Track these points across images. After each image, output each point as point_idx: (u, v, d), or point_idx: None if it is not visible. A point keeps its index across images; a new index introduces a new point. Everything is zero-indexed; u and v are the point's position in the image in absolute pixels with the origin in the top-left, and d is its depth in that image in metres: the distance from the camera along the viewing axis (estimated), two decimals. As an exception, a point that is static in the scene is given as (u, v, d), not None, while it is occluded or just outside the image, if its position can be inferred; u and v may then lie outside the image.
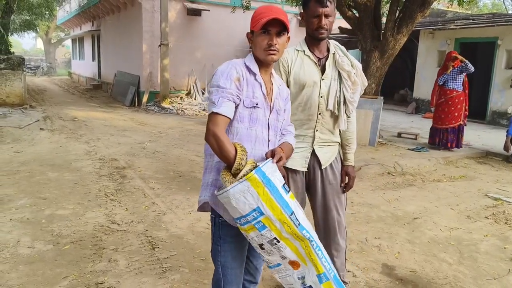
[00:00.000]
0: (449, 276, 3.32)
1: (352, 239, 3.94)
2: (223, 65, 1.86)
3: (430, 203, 5.13)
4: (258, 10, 1.84)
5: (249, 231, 1.68)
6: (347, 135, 2.72)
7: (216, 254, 1.92)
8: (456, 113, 7.71)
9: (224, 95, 1.74)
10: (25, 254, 3.31)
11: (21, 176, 5.41)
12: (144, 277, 3.04)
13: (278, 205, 1.65)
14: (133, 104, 14.33)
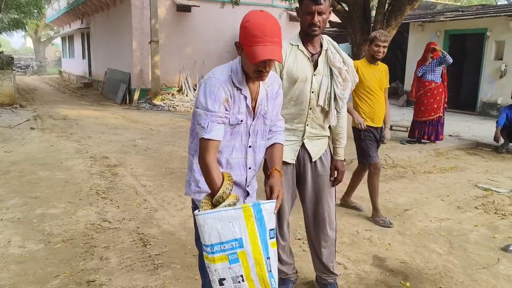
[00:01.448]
0: (439, 266, 3.36)
1: (344, 231, 3.96)
2: (211, 80, 1.76)
3: (420, 195, 5.17)
4: (251, 26, 1.65)
5: (218, 261, 1.62)
6: (337, 130, 2.75)
7: (198, 243, 1.97)
8: (436, 105, 7.71)
9: (213, 119, 1.72)
10: (16, 254, 3.29)
11: (12, 176, 5.37)
12: (135, 274, 3.04)
13: (260, 244, 1.64)
14: (124, 101, 14.26)
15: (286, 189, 2.71)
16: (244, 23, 1.68)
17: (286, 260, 2.86)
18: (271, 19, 1.69)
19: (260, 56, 1.64)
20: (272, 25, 1.67)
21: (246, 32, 1.66)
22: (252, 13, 1.71)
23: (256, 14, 1.69)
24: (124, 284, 2.91)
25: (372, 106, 4.16)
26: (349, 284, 3.04)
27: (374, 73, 4.13)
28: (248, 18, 1.68)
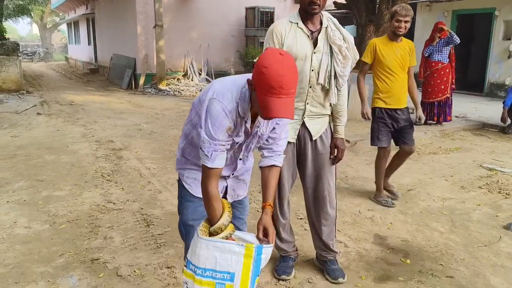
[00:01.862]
0: (440, 244, 3.37)
1: (346, 211, 3.98)
2: (218, 107, 1.67)
3: (424, 175, 5.16)
4: (268, 75, 1.52)
5: (204, 285, 1.66)
6: (338, 108, 2.74)
7: (179, 211, 2.04)
8: (443, 86, 7.63)
9: (217, 147, 1.70)
10: (21, 234, 3.36)
11: (18, 159, 5.44)
12: (139, 253, 3.09)
13: (249, 285, 1.68)
14: (130, 87, 14.27)
15: (286, 167, 2.72)
16: (261, 68, 1.54)
17: (286, 238, 2.89)
18: (290, 68, 1.55)
19: (273, 113, 1.55)
20: (290, 76, 1.54)
21: (261, 79, 1.54)
22: (271, 59, 1.55)
23: (275, 61, 1.54)
24: (127, 262, 2.96)
25: (390, 87, 3.98)
26: (349, 261, 3.06)
27: (395, 51, 3.92)
28: (266, 63, 1.54)
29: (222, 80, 1.80)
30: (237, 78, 1.78)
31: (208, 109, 1.68)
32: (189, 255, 1.70)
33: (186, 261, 1.71)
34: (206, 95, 1.73)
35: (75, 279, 2.74)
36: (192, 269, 1.66)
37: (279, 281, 2.77)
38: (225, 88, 1.71)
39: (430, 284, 2.77)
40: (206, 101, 1.70)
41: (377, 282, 2.79)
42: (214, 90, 1.71)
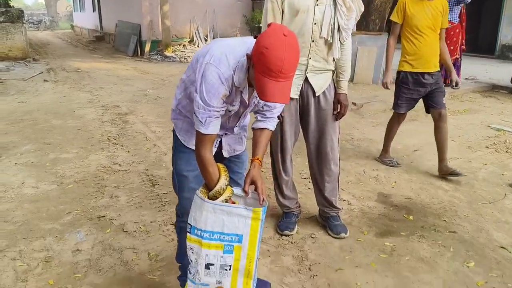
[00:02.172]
0: (444, 201, 3.37)
1: (350, 171, 3.98)
2: (215, 73, 1.61)
3: (431, 136, 5.08)
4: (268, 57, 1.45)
5: (212, 247, 1.66)
6: (341, 62, 2.67)
7: (172, 162, 2.02)
8: (452, 47, 7.41)
9: (211, 114, 1.65)
10: (29, 194, 3.42)
11: (25, 124, 5.48)
12: (144, 210, 3.14)
13: (257, 244, 1.69)
14: (136, 54, 14.15)
15: (289, 124, 2.71)
16: (261, 48, 1.46)
17: (289, 195, 2.91)
18: (292, 51, 1.47)
19: (268, 97, 1.51)
20: (291, 60, 1.47)
21: (261, 60, 1.47)
22: (274, 39, 1.46)
23: (277, 42, 1.45)
24: (133, 219, 3.02)
25: (418, 48, 3.72)
26: (352, 218, 3.08)
27: (426, 10, 3.66)
28: (268, 44, 1.45)
29: (221, 43, 1.71)
30: (236, 43, 1.70)
31: (203, 74, 1.63)
32: (192, 221, 1.69)
33: (189, 227, 1.70)
34: (203, 57, 1.66)
35: (82, 235, 2.80)
36: (197, 234, 1.67)
37: (281, 237, 2.81)
38: (223, 54, 1.64)
39: (432, 239, 2.79)
40: (202, 65, 1.64)
41: (378, 237, 2.82)
42: (212, 54, 1.64)
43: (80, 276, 2.37)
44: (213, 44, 1.72)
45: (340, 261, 2.53)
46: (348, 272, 2.42)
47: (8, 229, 2.86)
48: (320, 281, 2.34)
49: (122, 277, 2.37)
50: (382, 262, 2.53)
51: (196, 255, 1.70)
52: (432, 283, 2.33)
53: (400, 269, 2.46)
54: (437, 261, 2.54)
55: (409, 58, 3.80)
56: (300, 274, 2.40)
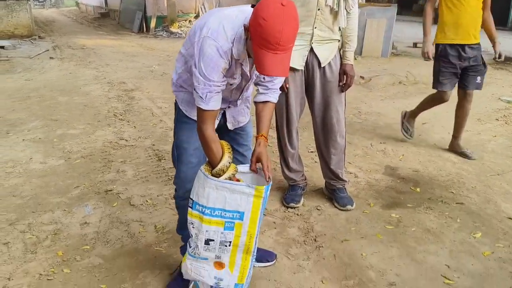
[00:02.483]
0: (452, 173, 3.34)
1: (358, 145, 3.95)
2: (212, 46, 1.56)
3: (440, 109, 5.02)
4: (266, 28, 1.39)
5: (213, 224, 1.66)
6: (347, 32, 2.60)
7: (174, 134, 1.99)
8: None
9: (212, 89, 1.60)
10: (37, 169, 3.45)
11: (32, 101, 5.50)
12: (150, 184, 3.16)
13: (258, 221, 1.68)
14: (142, 30, 14.04)
15: (294, 96, 2.67)
16: (259, 19, 1.40)
17: (294, 168, 2.89)
18: (291, 22, 1.41)
19: (267, 71, 1.46)
20: (290, 31, 1.41)
21: (258, 31, 1.41)
22: (271, 10, 1.39)
23: (275, 13, 1.38)
24: (139, 193, 3.03)
25: (458, 17, 3.37)
26: (358, 190, 3.07)
27: None
28: (266, 15, 1.39)
29: (218, 13, 1.64)
30: (234, 12, 1.63)
31: (201, 48, 1.57)
32: (194, 196, 1.69)
33: (191, 202, 1.70)
34: (201, 31, 1.60)
35: (90, 208, 2.83)
36: (199, 210, 1.67)
37: (287, 209, 2.81)
38: (220, 25, 1.58)
39: (439, 210, 2.78)
40: (200, 39, 1.59)
41: (385, 209, 2.81)
42: (209, 27, 1.58)
43: (88, 247, 2.40)
44: (210, 15, 1.66)
45: (346, 233, 2.53)
46: (353, 243, 2.43)
47: (17, 203, 2.90)
48: (326, 251, 2.35)
49: (129, 248, 2.39)
50: (388, 233, 2.53)
51: (196, 230, 1.70)
52: (438, 253, 2.33)
53: (406, 240, 2.45)
54: (443, 232, 2.53)
55: (447, 28, 3.45)
56: (305, 245, 2.41)
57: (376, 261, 2.26)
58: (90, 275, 2.17)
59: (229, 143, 1.84)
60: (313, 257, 2.31)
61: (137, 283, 2.11)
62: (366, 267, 2.22)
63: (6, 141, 4.04)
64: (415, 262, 2.26)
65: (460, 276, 2.15)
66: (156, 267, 2.23)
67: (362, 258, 2.29)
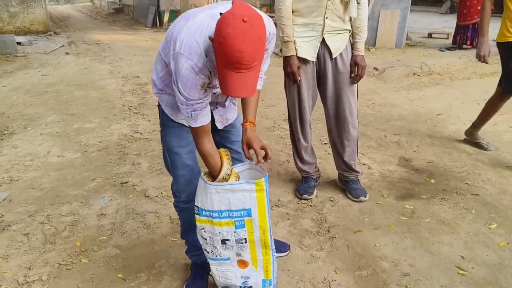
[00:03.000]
0: (467, 165, 3.31)
1: (371, 136, 3.94)
2: (186, 64, 1.45)
3: (456, 100, 4.99)
4: (226, 47, 1.29)
5: (224, 225, 1.67)
6: (358, 22, 2.59)
7: (162, 139, 1.89)
8: (479, 7, 7.12)
9: (196, 107, 1.54)
10: (55, 162, 3.52)
11: (49, 96, 5.59)
12: (165, 177, 3.20)
13: (267, 214, 1.67)
14: (155, 24, 14.13)
15: (306, 88, 2.67)
16: (218, 38, 1.30)
17: (308, 160, 2.90)
18: (253, 41, 1.30)
19: (230, 91, 1.38)
20: (252, 50, 1.30)
21: (219, 49, 1.32)
22: (231, 27, 1.28)
23: (235, 32, 1.27)
24: (154, 185, 3.08)
25: None
26: (372, 181, 3.07)
27: None
28: (225, 33, 1.28)
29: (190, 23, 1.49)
30: (205, 19, 1.48)
31: (176, 67, 1.48)
32: (199, 203, 1.69)
33: (196, 209, 1.70)
34: (174, 44, 1.48)
35: (106, 200, 2.88)
36: (207, 215, 1.68)
37: (300, 200, 2.83)
38: (193, 39, 1.46)
39: (453, 201, 2.76)
40: (174, 54, 1.48)
41: (399, 200, 2.80)
42: (182, 41, 1.46)
43: (105, 238, 2.45)
44: (181, 25, 1.51)
45: (359, 223, 2.54)
46: (367, 234, 2.43)
47: (36, 195, 2.97)
48: (339, 242, 2.36)
49: (145, 239, 2.44)
50: (402, 224, 2.52)
51: (210, 233, 1.71)
52: (452, 244, 2.32)
53: (420, 231, 2.45)
54: (458, 223, 2.52)
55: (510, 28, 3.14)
56: (319, 236, 2.43)
57: (390, 252, 2.27)
58: (107, 265, 2.22)
59: (221, 142, 1.83)
60: (327, 247, 2.32)
61: (153, 273, 2.15)
62: (380, 258, 2.22)
63: (25, 135, 4.13)
64: (429, 253, 2.25)
65: (475, 266, 2.14)
66: (171, 257, 2.27)
67: (375, 248, 2.30)
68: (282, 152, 3.62)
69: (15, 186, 3.12)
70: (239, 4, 1.34)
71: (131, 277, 2.13)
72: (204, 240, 1.74)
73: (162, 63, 1.68)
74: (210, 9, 1.54)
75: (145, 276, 2.13)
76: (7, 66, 7.51)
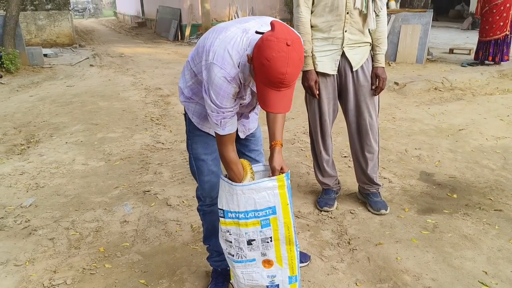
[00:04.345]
0: (490, 180, 3.26)
1: (392, 150, 3.92)
2: (220, 74, 1.50)
3: (478, 115, 4.93)
4: (270, 69, 1.35)
5: (250, 225, 1.70)
6: (377, 34, 2.60)
7: (188, 147, 1.94)
8: (502, 23, 7.04)
9: (225, 115, 1.59)
10: (80, 170, 3.61)
11: (74, 106, 5.74)
12: (186, 186, 3.25)
13: (290, 210, 1.71)
14: (177, 38, 14.38)
15: (326, 102, 2.69)
16: (263, 59, 1.35)
17: (329, 172, 2.91)
18: (295, 63, 1.36)
19: (270, 108, 1.45)
20: (293, 72, 1.37)
21: (262, 71, 1.37)
22: (276, 50, 1.33)
23: (279, 55, 1.33)
24: (176, 194, 3.13)
25: None
26: (393, 195, 3.05)
27: None
28: (269, 56, 1.34)
29: (222, 36, 1.55)
30: (238, 33, 1.54)
31: (209, 76, 1.53)
32: (223, 206, 1.72)
33: (221, 212, 1.74)
34: (207, 55, 1.54)
35: (129, 207, 2.94)
36: (232, 217, 1.71)
37: (321, 212, 2.83)
38: (226, 51, 1.51)
39: (476, 217, 2.72)
40: (207, 64, 1.53)
41: (420, 214, 2.78)
42: (215, 52, 1.52)
43: (128, 244, 2.50)
44: (215, 36, 1.57)
45: (380, 236, 2.53)
46: (388, 247, 2.42)
47: (61, 202, 3.04)
48: (360, 254, 2.35)
49: (167, 246, 2.48)
50: (424, 238, 2.50)
51: (235, 235, 1.74)
52: (475, 259, 2.28)
53: (442, 245, 2.42)
54: (481, 238, 2.49)
55: None
56: (339, 248, 2.42)
57: (412, 266, 2.25)
58: (130, 271, 2.26)
59: (240, 149, 1.87)
60: (347, 259, 2.32)
61: (175, 279, 2.18)
62: (401, 271, 2.21)
63: (51, 144, 4.25)
64: (451, 268, 2.22)
65: (499, 282, 2.10)
66: (192, 264, 2.30)
67: (397, 262, 2.28)
68: (302, 164, 3.64)
69: (41, 192, 3.20)
70: (281, 26, 1.39)
71: (153, 283, 2.16)
72: (229, 243, 1.77)
73: (191, 72, 1.73)
74: (241, 22, 1.60)
75: (167, 283, 2.16)
76: (34, 77, 7.75)
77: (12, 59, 7.77)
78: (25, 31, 11.66)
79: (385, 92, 2.65)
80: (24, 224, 2.74)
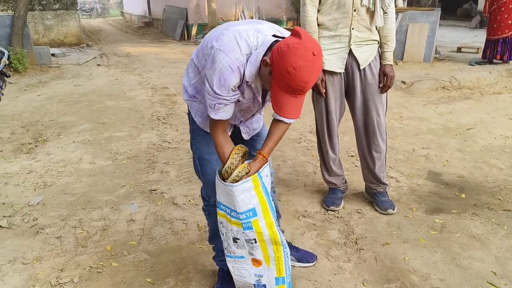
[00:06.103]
0: (498, 180, 3.23)
1: (399, 149, 3.90)
2: (225, 61, 1.49)
3: (486, 114, 4.89)
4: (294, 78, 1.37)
5: (233, 224, 1.71)
6: (385, 32, 2.58)
7: (192, 146, 1.95)
8: (510, 21, 6.95)
9: (220, 101, 1.57)
10: (87, 169, 3.62)
11: (81, 105, 5.77)
12: (192, 185, 3.25)
13: (270, 209, 1.70)
14: (183, 38, 14.40)
15: (333, 100, 2.67)
16: (288, 67, 1.36)
17: (336, 172, 2.89)
18: (317, 72, 1.40)
19: (285, 113, 1.48)
20: (315, 79, 1.41)
21: (285, 77, 1.38)
22: (303, 61, 1.35)
23: (306, 64, 1.35)
24: (182, 193, 3.13)
25: None
26: (400, 195, 3.03)
27: None
28: (296, 65, 1.35)
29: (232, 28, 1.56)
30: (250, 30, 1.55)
31: (213, 61, 1.52)
32: (218, 197, 1.74)
33: (217, 203, 1.75)
34: (213, 42, 1.54)
35: (136, 206, 2.94)
36: (223, 209, 1.73)
37: (327, 211, 2.82)
38: (234, 39, 1.51)
39: (485, 217, 2.70)
40: (212, 51, 1.53)
41: (428, 214, 2.76)
42: (222, 40, 1.52)
43: (135, 243, 2.50)
44: (225, 28, 1.59)
45: (388, 236, 2.51)
46: (395, 247, 2.40)
47: (68, 200, 3.06)
48: (367, 254, 2.34)
49: (173, 245, 2.48)
50: (432, 238, 2.48)
51: (225, 229, 1.76)
52: (484, 260, 2.26)
53: (450, 246, 2.40)
54: (489, 238, 2.46)
55: None
56: (346, 247, 2.41)
57: (419, 266, 2.23)
58: (136, 269, 2.26)
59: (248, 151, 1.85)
60: (354, 259, 2.31)
61: (181, 278, 2.18)
62: (409, 271, 2.19)
63: (58, 143, 4.27)
64: (460, 268, 2.20)
65: (508, 283, 2.08)
66: (199, 263, 2.30)
67: (404, 262, 2.27)
68: (308, 164, 3.62)
69: (48, 191, 3.22)
70: (306, 35, 1.39)
71: (159, 281, 2.16)
72: (222, 236, 1.80)
73: (195, 70, 1.73)
74: (253, 23, 1.61)
75: (173, 281, 2.16)
76: (41, 76, 7.79)
77: (20, 59, 7.82)
78: (33, 31, 11.73)
79: (392, 91, 2.63)
80: (32, 222, 2.76)
